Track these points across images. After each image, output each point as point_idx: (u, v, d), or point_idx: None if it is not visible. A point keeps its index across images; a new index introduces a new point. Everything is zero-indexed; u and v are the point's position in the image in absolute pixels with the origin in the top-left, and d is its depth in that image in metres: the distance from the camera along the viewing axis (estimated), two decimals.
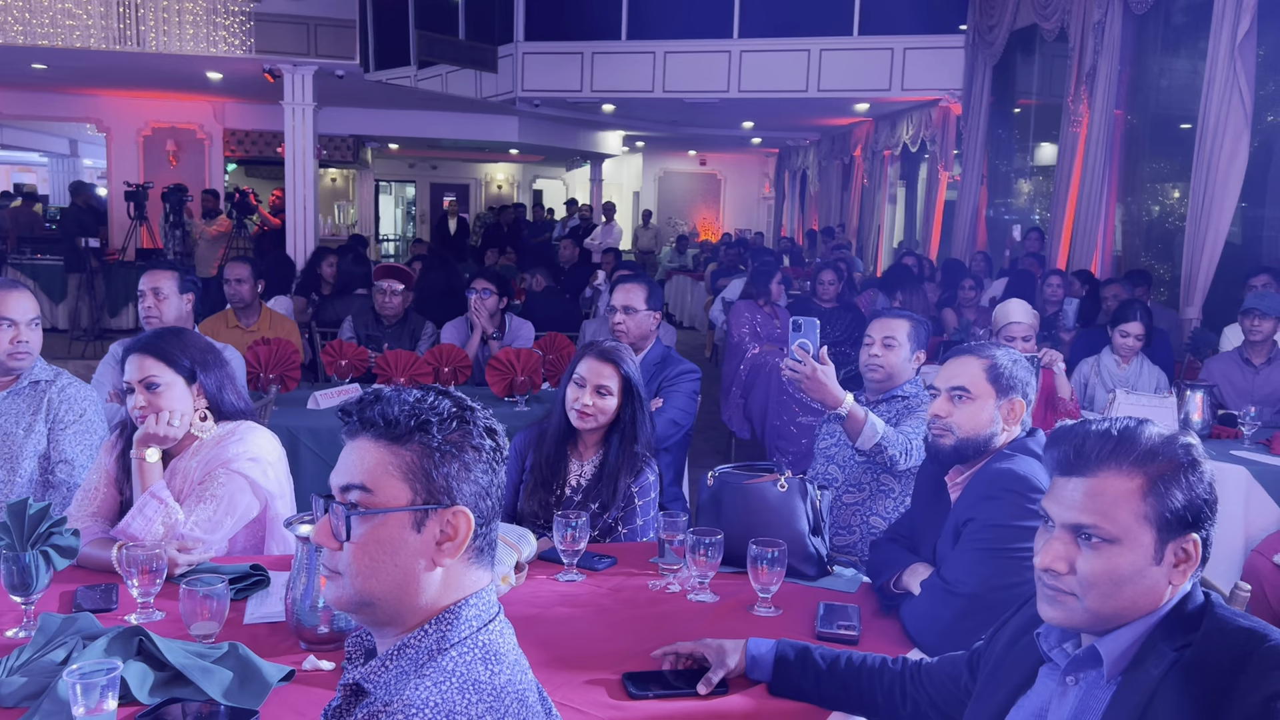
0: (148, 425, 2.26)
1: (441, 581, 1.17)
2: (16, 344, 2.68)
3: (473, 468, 1.18)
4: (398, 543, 1.15)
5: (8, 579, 1.89)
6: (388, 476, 1.16)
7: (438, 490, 1.16)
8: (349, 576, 1.16)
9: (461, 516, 1.16)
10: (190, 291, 3.69)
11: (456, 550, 1.16)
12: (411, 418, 1.17)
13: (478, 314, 4.73)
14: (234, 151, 12.90)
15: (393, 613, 1.17)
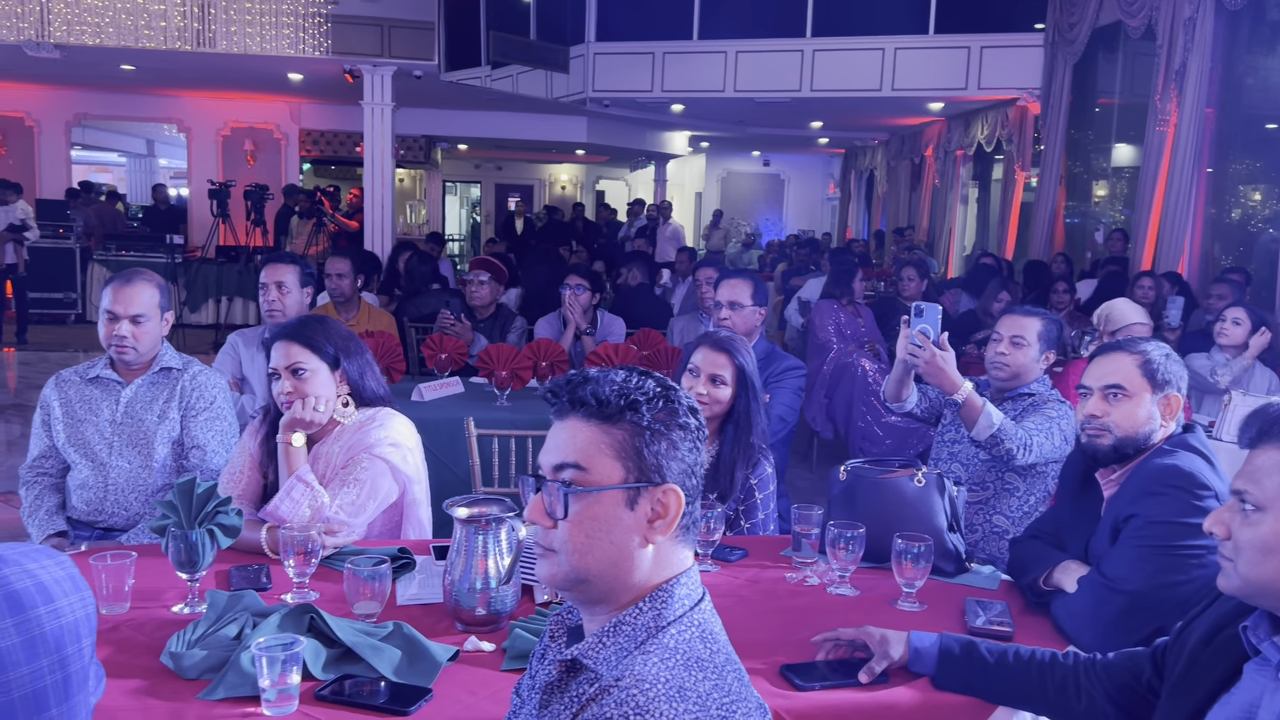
0: (294, 410, 2.32)
1: (653, 559, 1.19)
2: (117, 338, 2.69)
3: (679, 445, 1.19)
4: (612, 520, 1.17)
5: (175, 556, 1.94)
6: (601, 455, 1.18)
7: (649, 468, 1.17)
8: (564, 553, 1.18)
9: (672, 494, 1.18)
10: (309, 285, 3.76)
11: (668, 528, 1.18)
12: (621, 397, 1.18)
13: (571, 310, 4.76)
14: (309, 151, 13.13)
15: (606, 589, 1.18)
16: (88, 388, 2.77)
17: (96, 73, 10.78)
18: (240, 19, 8.95)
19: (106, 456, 2.73)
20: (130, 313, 2.69)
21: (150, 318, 2.73)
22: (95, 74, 10.92)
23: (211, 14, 8.48)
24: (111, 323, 2.70)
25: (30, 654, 1.21)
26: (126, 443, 2.74)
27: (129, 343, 2.69)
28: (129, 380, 2.77)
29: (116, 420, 2.74)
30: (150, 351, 2.77)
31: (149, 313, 2.72)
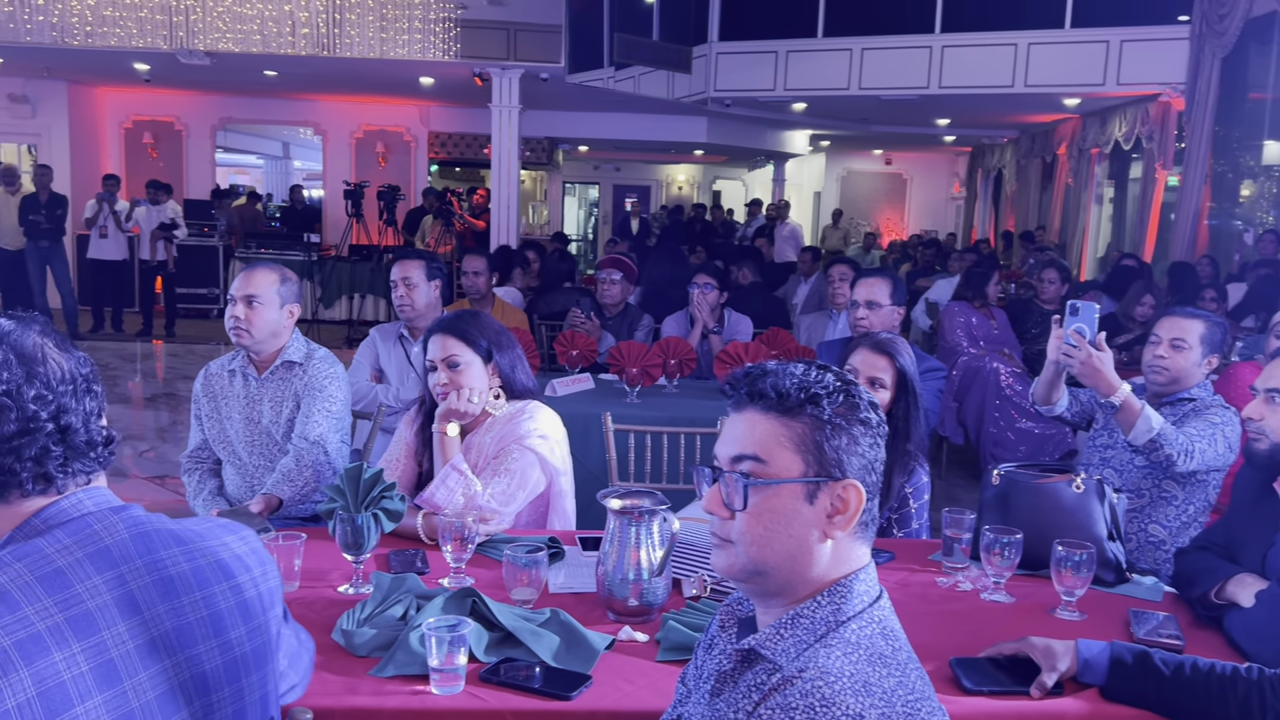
0: (449, 401, 2.39)
1: (831, 554, 1.18)
2: (232, 319, 2.76)
3: (860, 441, 1.18)
4: (791, 513, 1.17)
5: (342, 538, 2.02)
6: (780, 448, 1.18)
7: (829, 463, 1.17)
8: (742, 545, 1.19)
9: (852, 490, 1.17)
10: (437, 278, 3.87)
11: (847, 524, 1.17)
12: (801, 390, 1.18)
13: (699, 308, 4.77)
14: (437, 153, 13.48)
15: (783, 582, 1.18)
16: (229, 380, 2.88)
17: (241, 79, 11.30)
18: (376, 25, 9.25)
19: (245, 452, 2.84)
20: (244, 293, 2.75)
21: (265, 303, 2.76)
22: (240, 80, 11.44)
23: (352, 19, 8.80)
24: (233, 306, 2.78)
25: (235, 620, 1.28)
26: (261, 432, 2.83)
27: (241, 324, 2.74)
28: (260, 373, 2.84)
29: (250, 414, 2.83)
30: (265, 337, 2.79)
31: (263, 297, 2.76)
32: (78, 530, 1.14)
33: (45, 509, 1.14)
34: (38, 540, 1.12)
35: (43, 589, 1.08)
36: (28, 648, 1.04)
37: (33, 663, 1.04)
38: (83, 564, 1.12)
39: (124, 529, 1.18)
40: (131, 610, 1.14)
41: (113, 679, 1.11)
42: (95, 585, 1.12)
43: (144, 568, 1.17)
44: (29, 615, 1.06)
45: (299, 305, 2.87)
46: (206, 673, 1.21)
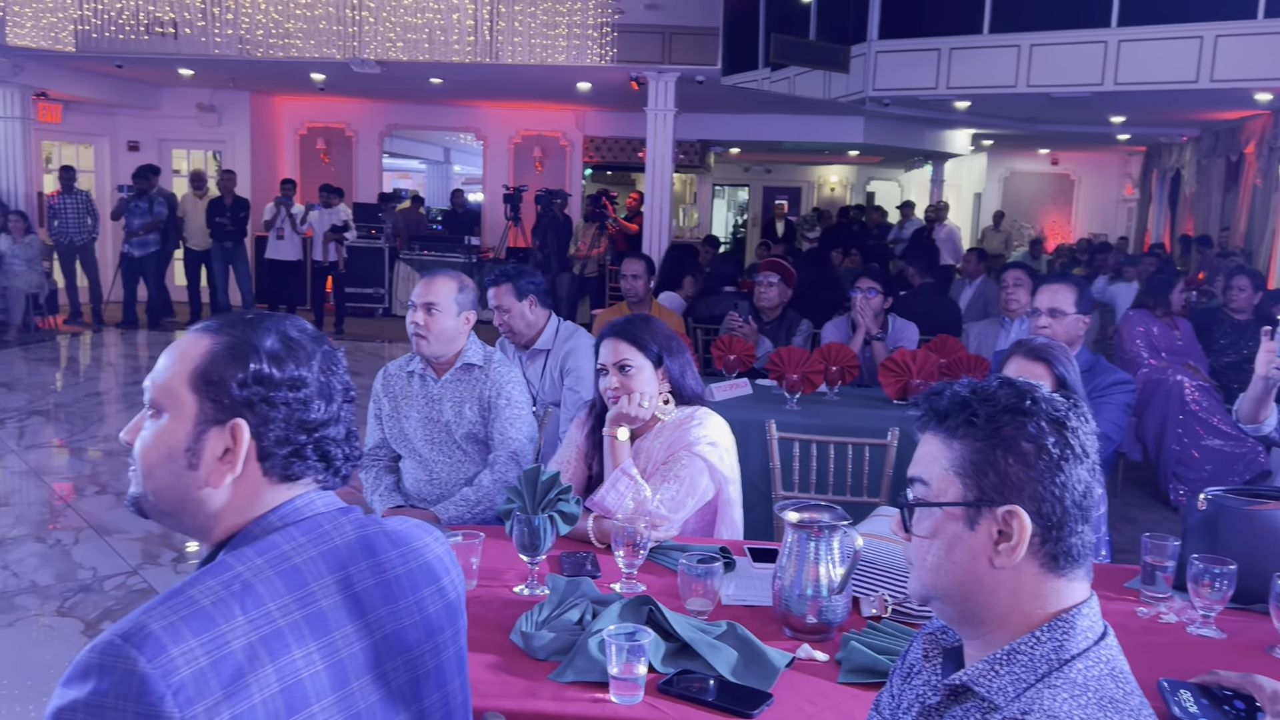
0: (620, 405, 2.39)
1: (1018, 585, 1.09)
2: (412, 324, 2.84)
3: (1034, 464, 1.09)
4: (953, 539, 1.10)
5: (519, 539, 2.04)
6: (940, 470, 1.11)
7: (990, 487, 1.08)
8: (917, 568, 1.15)
9: (1016, 517, 1.08)
10: (530, 294, 3.66)
11: (1013, 553, 1.08)
12: (961, 409, 1.11)
13: (862, 313, 4.65)
14: (591, 157, 13.67)
15: (963, 610, 1.12)
16: (408, 382, 2.97)
17: (408, 86, 11.73)
18: (535, 31, 9.44)
19: (426, 450, 2.92)
20: (424, 300, 2.83)
21: (443, 310, 2.83)
22: (406, 87, 11.89)
23: (517, 26, 9.01)
24: (412, 312, 2.87)
25: (443, 623, 1.29)
26: (441, 433, 2.91)
27: (420, 330, 2.82)
28: (439, 375, 2.93)
29: (430, 415, 2.91)
30: (443, 343, 2.86)
31: (442, 304, 2.83)
32: (311, 529, 1.16)
33: (281, 506, 1.17)
34: (274, 536, 1.14)
35: (283, 585, 1.09)
36: (272, 643, 1.06)
37: (276, 658, 1.06)
38: (316, 563, 1.14)
39: (351, 529, 1.20)
40: (357, 612, 1.16)
41: (343, 680, 1.12)
42: (328, 584, 1.14)
43: (368, 570, 1.19)
44: (272, 611, 1.07)
45: (475, 312, 2.93)
46: (419, 678, 1.22)
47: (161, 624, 1.00)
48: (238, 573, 1.08)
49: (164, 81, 12.29)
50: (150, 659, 0.97)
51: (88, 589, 3.95)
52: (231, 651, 1.02)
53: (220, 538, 1.17)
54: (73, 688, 0.98)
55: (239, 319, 1.19)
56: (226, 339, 1.16)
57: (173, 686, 0.97)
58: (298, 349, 1.18)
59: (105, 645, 0.99)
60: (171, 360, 1.17)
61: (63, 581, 4.01)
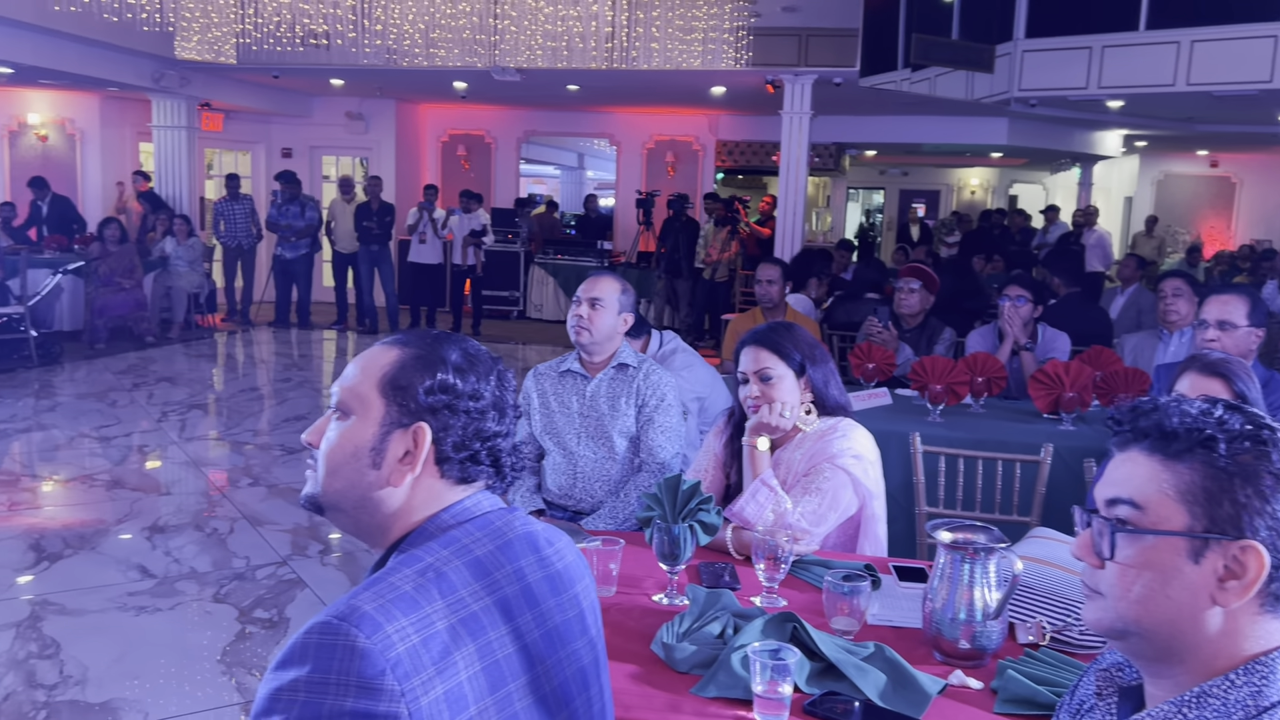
0: (761, 415, 2.34)
1: (1229, 625, 1.00)
2: (575, 318, 2.94)
3: (1271, 498, 0.99)
4: (1170, 571, 1.00)
5: (659, 548, 2.02)
6: (1161, 495, 1.01)
7: (1222, 519, 0.99)
8: (1111, 599, 1.04)
9: (1252, 553, 0.98)
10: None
11: (1244, 591, 0.98)
12: (1193, 431, 1.01)
13: (1010, 322, 4.46)
14: (723, 161, 13.62)
15: (1162, 649, 1.02)
16: (560, 381, 3.03)
17: (545, 93, 11.93)
18: (671, 37, 9.46)
19: (575, 446, 2.96)
20: (589, 296, 2.95)
21: (607, 306, 2.94)
22: (544, 94, 12.09)
23: (654, 32, 9.05)
24: (576, 306, 2.97)
25: (584, 626, 1.30)
26: (591, 433, 2.95)
27: (584, 323, 2.92)
28: (592, 375, 2.99)
29: (583, 412, 2.96)
30: (604, 339, 2.95)
31: (605, 301, 2.94)
32: (484, 525, 1.23)
33: (452, 506, 1.24)
34: (452, 532, 1.20)
35: (469, 574, 1.16)
36: (470, 625, 1.12)
37: (476, 638, 1.12)
38: (494, 555, 1.20)
39: (519, 527, 1.26)
40: (532, 601, 1.21)
41: (528, 664, 1.18)
42: (508, 573, 1.20)
43: (536, 564, 1.24)
44: (464, 596, 1.13)
45: (633, 316, 3.02)
46: (573, 674, 1.26)
47: (373, 605, 1.06)
48: (429, 562, 1.14)
49: (316, 91, 12.85)
50: (369, 635, 1.03)
51: (241, 577, 4.14)
52: (437, 631, 1.08)
53: (395, 538, 1.23)
54: (290, 669, 1.03)
55: (425, 334, 1.28)
56: (415, 350, 1.24)
57: (390, 661, 1.02)
58: (478, 364, 1.26)
59: (322, 626, 1.04)
60: (362, 367, 1.25)
61: (219, 569, 4.21)
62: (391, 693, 1.01)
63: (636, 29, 9.09)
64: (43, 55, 8.88)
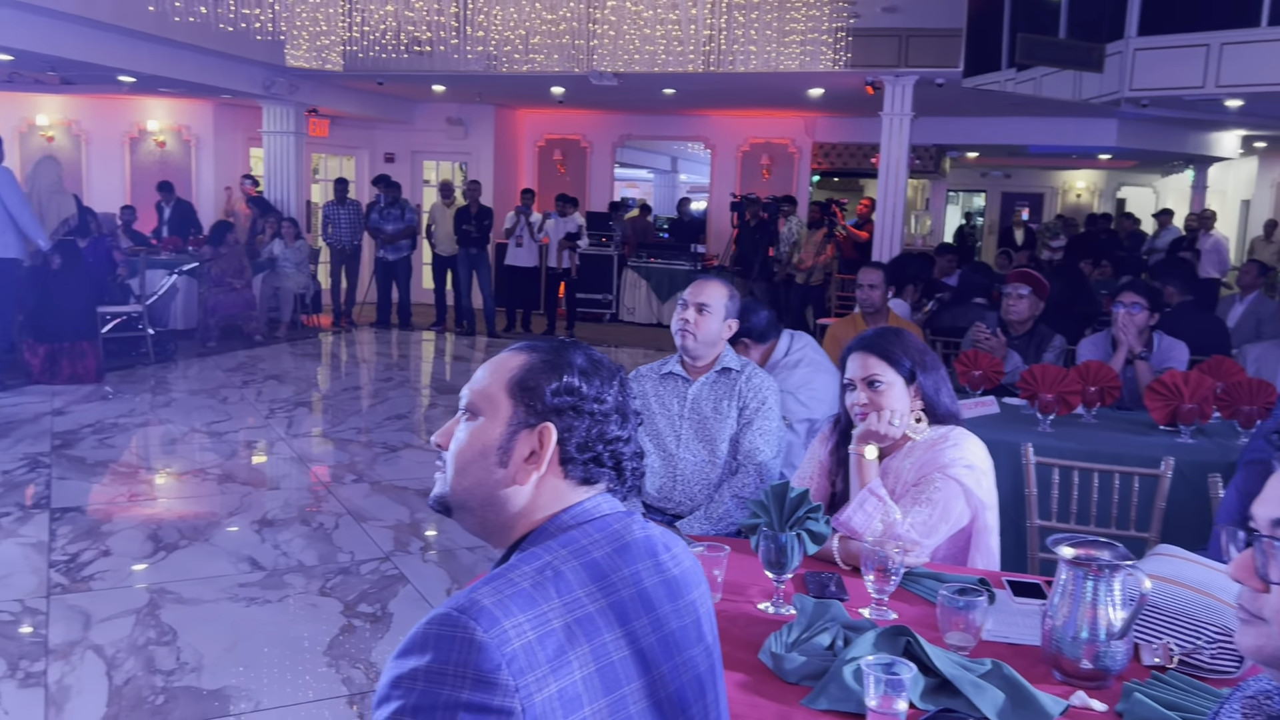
0: (869, 422, 2.30)
1: None
2: (681, 321, 2.95)
3: None
4: None
5: (765, 555, 2.00)
6: None
7: None
8: (1277, 625, 0.99)
9: None
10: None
11: None
12: None
13: (1124, 330, 4.30)
14: (820, 164, 13.47)
15: None
16: (661, 383, 3.03)
17: (641, 97, 11.97)
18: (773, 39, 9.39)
19: (675, 448, 2.96)
20: (697, 300, 2.95)
21: (713, 312, 2.95)
22: (639, 98, 12.13)
23: (752, 35, 9.00)
24: (682, 310, 2.98)
25: (701, 632, 1.29)
26: (692, 436, 2.95)
27: (690, 327, 2.93)
28: (694, 378, 2.99)
29: (684, 414, 2.96)
30: (709, 344, 2.96)
31: (713, 306, 2.95)
32: (602, 528, 1.24)
33: (573, 506, 1.26)
34: (571, 533, 1.22)
35: (586, 575, 1.17)
36: (585, 625, 1.13)
37: (591, 639, 1.13)
38: (611, 558, 1.21)
39: (637, 531, 1.27)
40: (647, 606, 1.21)
41: (644, 669, 1.18)
42: (624, 577, 1.20)
43: (652, 568, 1.24)
44: (581, 597, 1.14)
45: (737, 322, 3.01)
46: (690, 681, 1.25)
47: (491, 600, 1.07)
48: (547, 561, 1.16)
49: (418, 97, 13.14)
50: (486, 629, 1.04)
51: (346, 571, 4.24)
52: (553, 629, 1.09)
53: (517, 536, 1.26)
54: (411, 658, 1.06)
55: (551, 341, 1.32)
56: (542, 355, 1.28)
57: (506, 656, 1.04)
58: (601, 369, 1.29)
59: (442, 618, 1.06)
60: (491, 370, 1.29)
61: (324, 563, 4.33)
62: (506, 687, 1.03)
63: (735, 31, 9.05)
64: (162, 65, 9.27)
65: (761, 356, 3.69)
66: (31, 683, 3.21)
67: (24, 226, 7.27)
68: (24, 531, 4.53)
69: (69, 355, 7.62)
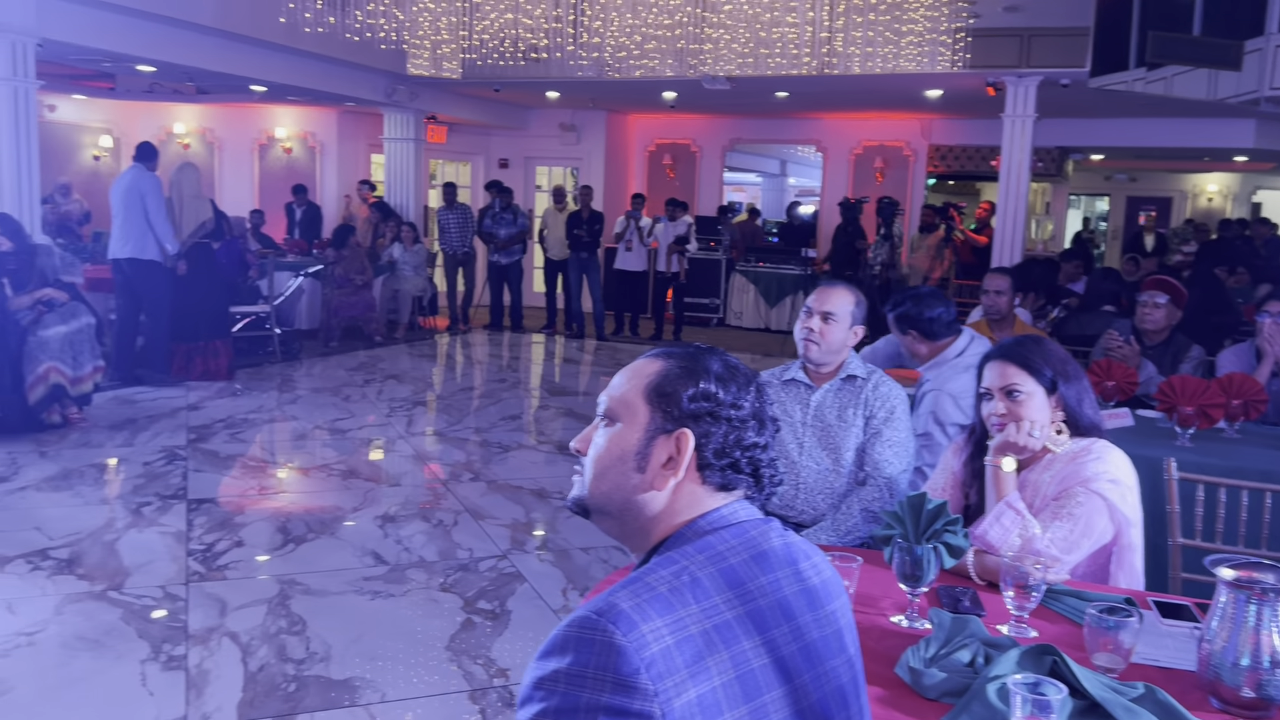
0: (1007, 433, 2.23)
1: None
2: (805, 330, 2.90)
3: None
4: None
5: (900, 568, 1.96)
6: None
7: None
8: None
9: None
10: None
11: None
12: None
13: (1271, 341, 4.09)
14: (935, 166, 13.18)
15: None
16: (783, 389, 3.00)
17: (753, 101, 11.91)
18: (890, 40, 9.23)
19: (797, 455, 2.92)
20: (822, 309, 2.90)
21: (839, 320, 2.89)
22: (751, 102, 12.08)
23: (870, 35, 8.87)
24: (806, 318, 2.93)
25: (843, 643, 1.27)
26: (815, 444, 2.91)
27: (814, 337, 2.89)
28: (818, 385, 2.94)
29: (807, 422, 2.92)
30: (834, 354, 2.91)
31: (839, 314, 2.89)
32: (739, 534, 1.23)
33: (710, 512, 1.25)
34: (708, 538, 1.21)
35: (724, 581, 1.16)
36: (724, 632, 1.12)
37: (729, 646, 1.12)
38: (749, 565, 1.20)
39: (775, 539, 1.25)
40: (786, 615, 1.20)
41: (784, 678, 1.17)
42: (761, 585, 1.19)
43: (791, 577, 1.23)
44: (718, 603, 1.14)
45: (863, 328, 2.96)
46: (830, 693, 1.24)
47: (629, 604, 1.08)
48: (684, 566, 1.16)
49: (533, 104, 13.35)
50: (625, 633, 1.05)
51: (465, 568, 4.33)
52: (691, 635, 1.09)
53: (655, 541, 1.26)
54: (552, 659, 1.07)
55: (688, 347, 1.32)
56: (679, 361, 1.28)
57: (645, 660, 1.04)
58: (738, 376, 1.29)
59: (582, 620, 1.08)
60: (628, 376, 1.30)
61: (444, 559, 4.43)
62: (646, 691, 1.03)
63: (853, 33, 8.93)
64: (291, 74, 9.65)
65: (930, 352, 3.51)
66: (173, 666, 3.36)
67: (158, 231, 7.66)
68: (164, 521, 4.76)
69: (203, 353, 7.98)
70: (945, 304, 3.49)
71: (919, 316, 3.44)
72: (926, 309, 3.44)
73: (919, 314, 3.43)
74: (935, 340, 3.49)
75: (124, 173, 7.94)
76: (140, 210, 7.59)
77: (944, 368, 3.42)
